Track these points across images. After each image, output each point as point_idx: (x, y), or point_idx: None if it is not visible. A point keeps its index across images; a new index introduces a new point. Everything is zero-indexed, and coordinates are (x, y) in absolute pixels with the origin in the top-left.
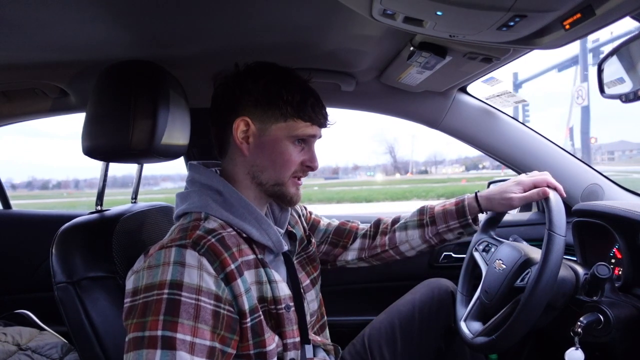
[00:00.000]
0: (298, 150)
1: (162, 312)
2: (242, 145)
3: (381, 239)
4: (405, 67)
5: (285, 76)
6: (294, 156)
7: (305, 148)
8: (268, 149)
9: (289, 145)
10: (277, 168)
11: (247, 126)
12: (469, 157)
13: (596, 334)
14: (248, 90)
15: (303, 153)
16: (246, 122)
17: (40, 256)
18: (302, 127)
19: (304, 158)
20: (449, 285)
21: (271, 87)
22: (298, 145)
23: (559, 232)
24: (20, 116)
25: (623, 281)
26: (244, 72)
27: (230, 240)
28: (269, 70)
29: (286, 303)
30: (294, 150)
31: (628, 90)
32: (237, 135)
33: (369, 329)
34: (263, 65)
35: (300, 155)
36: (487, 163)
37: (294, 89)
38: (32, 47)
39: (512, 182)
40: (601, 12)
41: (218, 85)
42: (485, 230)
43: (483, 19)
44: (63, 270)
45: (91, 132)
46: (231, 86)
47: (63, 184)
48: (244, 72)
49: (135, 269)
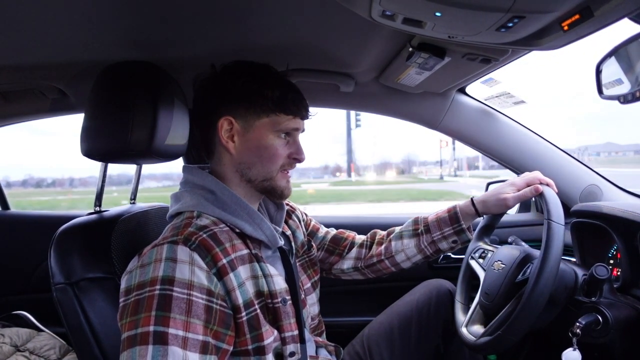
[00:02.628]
0: (283, 143)
1: (154, 308)
2: (228, 145)
3: (377, 248)
4: (404, 68)
5: (263, 73)
6: (280, 150)
7: (290, 141)
8: (254, 145)
9: (274, 139)
10: (264, 163)
11: (231, 125)
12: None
13: (594, 335)
14: (228, 90)
15: (289, 146)
16: (229, 121)
17: (39, 257)
18: (285, 121)
19: (290, 151)
20: (448, 286)
21: (251, 85)
22: (283, 139)
23: (557, 220)
24: (18, 117)
25: (621, 282)
26: (222, 73)
27: (223, 235)
28: (246, 68)
29: (282, 297)
30: (280, 143)
31: (626, 91)
32: (222, 134)
33: (368, 330)
34: (240, 64)
35: (286, 148)
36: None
37: (274, 84)
38: (31, 48)
39: (505, 184)
40: (600, 14)
41: (197, 88)
42: (480, 238)
43: (482, 20)
44: (61, 271)
45: (90, 133)
46: (210, 88)
47: (58, 182)
48: (222, 72)
49: (129, 269)
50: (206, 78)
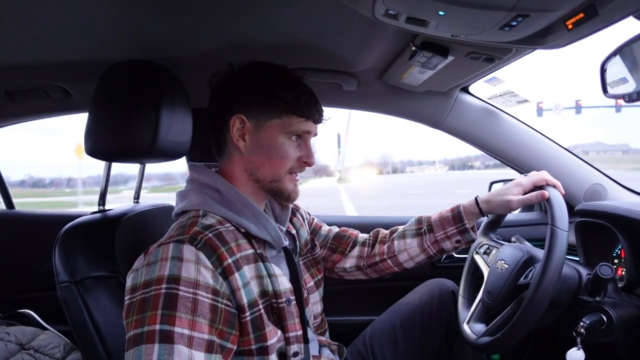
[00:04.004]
0: (294, 146)
1: (160, 307)
2: (239, 143)
3: (380, 247)
4: (408, 67)
5: (278, 73)
6: (290, 152)
7: (302, 144)
8: (264, 145)
9: (285, 141)
10: (273, 164)
11: (243, 124)
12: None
13: (599, 335)
14: (242, 89)
15: (299, 149)
16: (242, 119)
17: (43, 256)
18: (297, 123)
19: (300, 154)
20: (450, 285)
21: (265, 85)
22: (294, 141)
23: (561, 227)
24: (23, 116)
25: (626, 281)
26: (238, 72)
27: (228, 235)
28: (262, 69)
29: (287, 297)
30: (290, 146)
31: (631, 90)
32: (233, 133)
33: (370, 329)
34: (257, 64)
35: (296, 151)
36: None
37: (288, 85)
38: (36, 48)
39: (512, 184)
40: (604, 12)
41: (214, 86)
42: (486, 233)
43: (485, 19)
44: (66, 270)
45: (94, 132)
46: (226, 86)
47: (55, 182)
48: (238, 71)
49: (135, 267)
50: (222, 76)
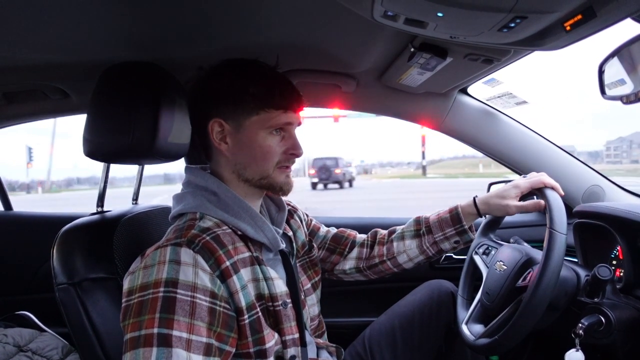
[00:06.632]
0: (277, 140)
1: (158, 310)
2: (221, 146)
3: (379, 249)
4: (406, 68)
5: (248, 69)
6: (273, 147)
7: (285, 136)
8: (246, 145)
9: (267, 137)
10: (258, 162)
11: (222, 127)
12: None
13: (597, 336)
14: (215, 92)
15: (284, 142)
16: (219, 122)
17: (41, 257)
18: (276, 117)
19: (285, 147)
20: (449, 286)
21: (235, 83)
22: (277, 135)
23: (559, 230)
24: (21, 117)
25: (624, 283)
26: (208, 74)
27: (225, 238)
28: (231, 67)
29: (283, 300)
30: (273, 140)
31: (629, 91)
32: (213, 137)
33: (369, 331)
34: (225, 63)
35: (280, 144)
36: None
37: (259, 80)
38: (33, 49)
39: (510, 185)
40: (602, 14)
41: (188, 92)
42: (485, 234)
43: (484, 20)
44: (64, 272)
45: (92, 134)
46: (198, 91)
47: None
48: (208, 73)
49: (132, 270)
50: (194, 81)
